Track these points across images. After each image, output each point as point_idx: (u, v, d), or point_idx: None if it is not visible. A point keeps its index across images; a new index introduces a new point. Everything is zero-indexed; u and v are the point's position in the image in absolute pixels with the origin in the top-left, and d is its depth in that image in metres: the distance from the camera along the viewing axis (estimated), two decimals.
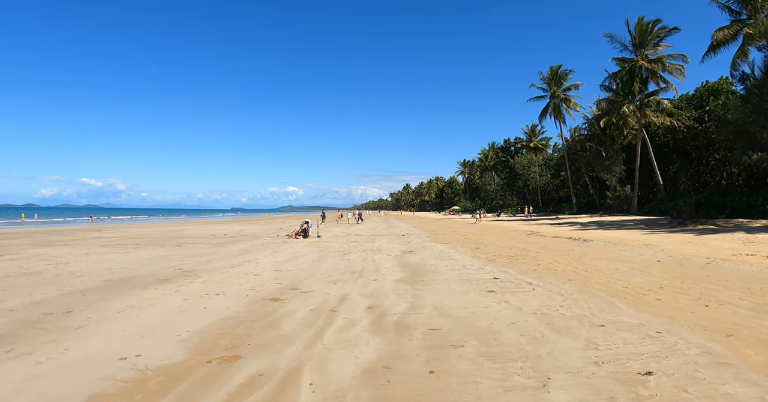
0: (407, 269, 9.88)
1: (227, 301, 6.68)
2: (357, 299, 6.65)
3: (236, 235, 23.96)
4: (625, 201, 42.94)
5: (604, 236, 18.85)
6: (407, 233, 24.64)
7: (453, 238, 19.60)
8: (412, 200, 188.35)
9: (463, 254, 12.79)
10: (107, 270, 10.41)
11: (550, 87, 53.67)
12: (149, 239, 21.31)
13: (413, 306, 6.13)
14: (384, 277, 8.84)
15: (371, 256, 12.65)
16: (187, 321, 5.54)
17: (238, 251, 14.84)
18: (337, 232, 26.01)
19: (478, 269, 9.64)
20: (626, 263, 10.25)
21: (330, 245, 16.76)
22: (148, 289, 7.83)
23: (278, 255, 13.40)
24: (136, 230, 31.08)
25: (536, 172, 73.34)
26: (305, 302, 6.47)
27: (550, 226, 28.99)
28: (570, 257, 11.59)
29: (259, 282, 8.36)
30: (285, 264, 11.09)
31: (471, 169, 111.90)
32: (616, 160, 43.68)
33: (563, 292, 6.89)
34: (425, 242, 17.72)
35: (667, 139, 47.03)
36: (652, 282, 7.76)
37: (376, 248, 15.26)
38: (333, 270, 9.92)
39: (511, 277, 8.51)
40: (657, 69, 38.54)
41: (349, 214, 48.24)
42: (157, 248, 16.30)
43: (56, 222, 54.13)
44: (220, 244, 17.77)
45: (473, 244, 16.52)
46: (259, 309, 6.10)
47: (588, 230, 23.72)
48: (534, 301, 6.27)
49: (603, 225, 28.18)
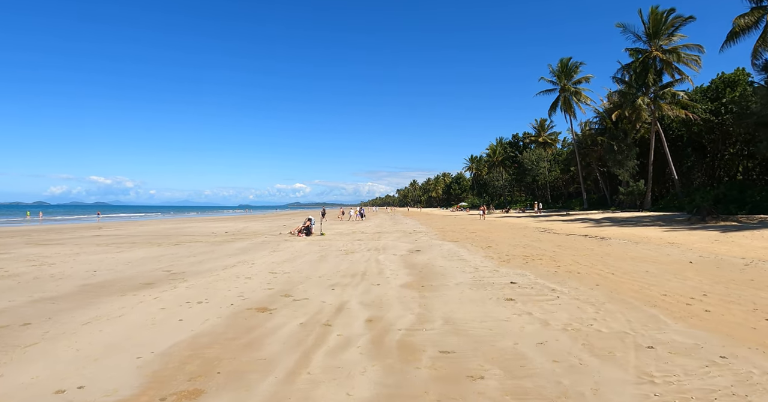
0: (414, 271, 9.02)
1: (208, 311, 5.86)
2: (356, 309, 5.80)
3: (237, 233, 23.23)
4: (639, 197, 41.68)
5: (622, 234, 17.84)
6: (414, 230, 23.76)
7: (462, 236, 18.69)
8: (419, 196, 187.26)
9: (474, 254, 11.89)
10: (90, 272, 9.65)
11: (560, 80, 52.33)
12: (148, 237, 20.62)
13: (420, 318, 5.26)
14: (388, 280, 7.99)
15: (375, 256, 11.80)
16: (154, 338, 4.72)
17: (235, 250, 14.06)
18: (341, 230, 25.19)
19: (492, 271, 8.75)
20: (655, 265, 9.30)
21: (333, 244, 15.94)
22: (126, 296, 7.04)
23: (276, 255, 12.59)
24: (137, 228, 30.48)
25: (545, 167, 71.93)
26: (296, 313, 5.63)
27: (562, 223, 27.95)
28: (591, 257, 10.66)
29: (250, 287, 7.53)
30: (282, 265, 10.27)
31: (479, 164, 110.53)
32: (629, 154, 42.36)
33: (593, 301, 5.99)
34: (433, 240, 16.83)
35: (681, 132, 45.63)
36: (692, 288, 6.83)
37: (380, 247, 14.41)
38: (333, 272, 9.08)
39: (530, 281, 7.61)
40: (672, 60, 37.19)
41: (351, 210, 47.28)
42: (153, 247, 15.58)
43: (62, 220, 53.87)
44: (218, 243, 17.02)
45: (484, 242, 15.61)
46: (242, 322, 5.26)
47: (603, 227, 22.68)
48: (562, 313, 5.38)
49: (617, 221, 27.10)
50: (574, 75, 51.81)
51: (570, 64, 51.86)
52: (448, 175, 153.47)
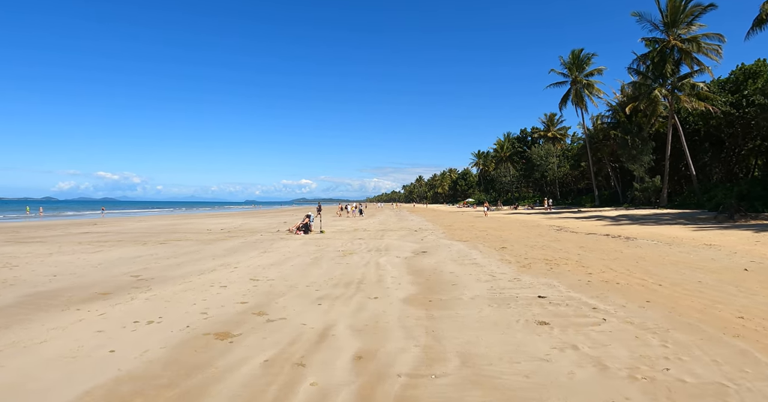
0: (419, 279, 7.67)
1: (154, 336, 4.55)
2: (343, 337, 4.47)
3: (234, 230, 22.00)
4: (654, 193, 39.99)
5: (647, 233, 16.36)
6: (420, 228, 22.40)
7: (471, 235, 17.31)
8: (425, 192, 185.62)
9: (488, 257, 10.51)
10: (49, 277, 8.40)
11: (571, 72, 50.57)
12: (138, 235, 19.44)
13: (429, 354, 3.92)
14: (388, 292, 6.64)
15: (376, 259, 10.46)
16: (63, 381, 3.43)
17: (223, 250, 12.78)
18: (343, 227, 23.88)
19: (513, 280, 7.38)
20: (704, 272, 7.89)
21: (331, 243, 14.63)
22: (68, 310, 5.77)
23: (266, 256, 11.29)
24: (133, 224, 29.35)
25: (554, 162, 70.11)
26: (264, 343, 4.30)
27: (576, 221, 26.46)
28: (624, 262, 9.25)
29: (220, 300, 6.22)
30: (267, 270, 8.96)
31: (485, 160, 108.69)
32: (645, 149, 40.63)
33: (652, 327, 4.62)
34: (440, 239, 15.47)
35: (698, 126, 43.79)
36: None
37: (383, 248, 13.07)
38: (324, 280, 7.75)
39: (562, 294, 6.23)
40: (691, 50, 35.37)
41: (349, 206, 45.61)
42: (136, 246, 14.36)
43: (62, 216, 53.11)
44: (209, 241, 15.77)
45: (496, 242, 14.23)
46: (189, 357, 3.95)
47: (622, 225, 21.20)
48: (618, 347, 4.01)
49: (636, 219, 25.58)
50: (586, 67, 50.04)
51: (582, 56, 50.08)
52: (455, 171, 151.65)
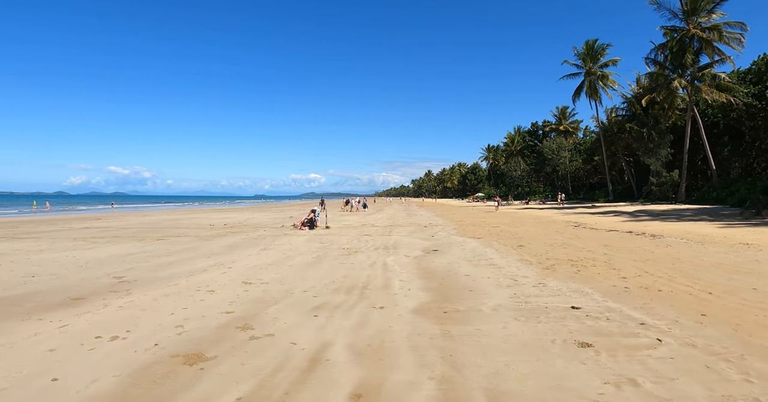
0: (431, 283, 6.81)
1: (112, 358, 3.76)
2: (339, 363, 3.64)
3: (237, 225, 21.30)
4: (671, 188, 38.63)
5: (673, 230, 15.33)
6: (430, 223, 21.52)
7: (485, 231, 16.40)
8: (433, 187, 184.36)
9: (506, 256, 9.62)
10: (26, 278, 7.69)
11: (585, 63, 49.08)
12: (137, 230, 18.81)
13: (447, 393, 3.07)
14: (396, 300, 5.80)
15: (383, 259, 9.62)
16: None
17: (220, 248, 12.04)
18: (350, 222, 23.07)
19: (538, 285, 6.50)
20: (755, 276, 6.94)
21: (336, 240, 13.82)
22: (29, 320, 5.02)
23: (265, 254, 10.51)
24: (137, 219, 28.81)
25: (566, 157, 68.55)
26: (241, 371, 3.48)
27: (592, 216, 25.39)
28: (659, 264, 8.32)
29: (203, 308, 5.43)
30: (264, 271, 8.16)
31: (495, 154, 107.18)
32: (662, 142, 39.21)
33: (723, 352, 3.73)
34: (452, 236, 14.59)
35: (717, 119, 42.25)
36: None
37: (391, 245, 12.23)
38: (324, 283, 6.94)
39: (599, 305, 5.35)
40: (713, 38, 33.89)
41: (352, 201, 44.28)
42: (132, 243, 13.68)
43: (70, 210, 52.98)
44: (208, 238, 15.05)
45: (512, 239, 13.32)
46: (144, 389, 3.13)
47: (643, 221, 20.13)
48: (690, 383, 3.13)
49: (655, 215, 24.46)
50: (600, 58, 48.52)
51: (596, 46, 48.56)
52: (464, 166, 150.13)
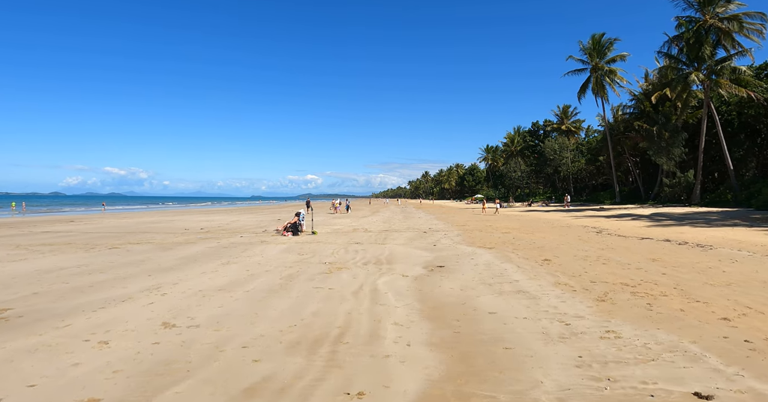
0: (443, 331, 4.51)
1: None
2: None
3: (214, 230, 18.99)
4: (685, 189, 36.49)
5: (716, 238, 13.11)
6: (430, 228, 19.25)
7: (495, 238, 14.14)
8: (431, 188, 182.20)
9: (534, 276, 7.34)
10: None
11: (591, 58, 46.96)
12: (97, 236, 16.49)
13: None
14: (386, 374, 3.48)
15: (373, 279, 7.33)
16: None
17: (175, 261, 9.74)
18: (340, 226, 20.77)
19: (608, 337, 4.22)
20: None
21: (319, 250, 11.54)
22: None
23: (223, 271, 8.21)
24: (111, 222, 26.42)
25: (568, 157, 66.35)
26: None
27: (608, 220, 23.17)
28: (749, 290, 6.07)
29: (60, 386, 3.13)
30: (207, 301, 5.86)
31: (494, 155, 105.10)
32: (675, 140, 37.04)
33: None
34: (458, 245, 12.32)
35: (731, 116, 40.18)
36: None
37: (384, 258, 9.94)
38: (280, 329, 4.63)
39: (734, 384, 3.08)
40: (732, 29, 31.80)
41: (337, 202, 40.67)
42: (77, 252, 11.39)
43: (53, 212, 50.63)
44: (171, 246, 12.76)
45: (532, 249, 11.06)
46: None
47: (671, 226, 17.90)
48: None
49: (679, 219, 22.27)
50: (607, 53, 46.39)
51: (603, 41, 46.44)
52: (462, 167, 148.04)
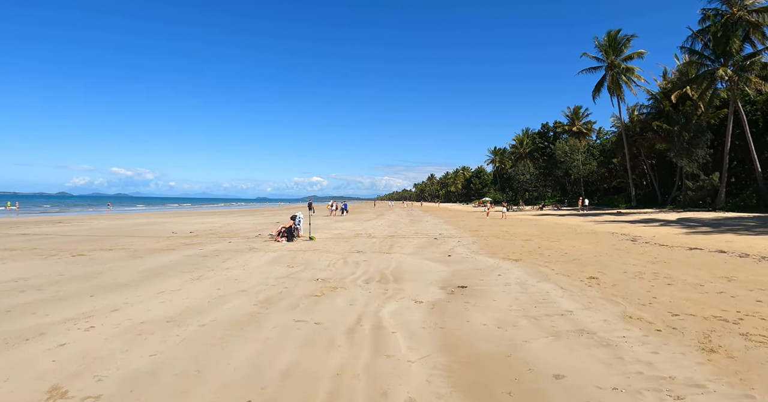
0: None
1: None
2: None
3: (205, 234, 17.33)
4: (709, 193, 34.45)
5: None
6: (440, 234, 17.46)
7: (517, 247, 12.32)
8: (437, 191, 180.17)
9: (589, 305, 5.55)
10: None
11: (607, 56, 45.01)
12: (74, 239, 14.90)
13: None
14: None
15: (376, 307, 5.58)
16: None
17: (138, 273, 8.04)
18: (342, 231, 19.02)
19: None
20: None
21: (313, 260, 9.80)
22: None
23: (185, 291, 6.48)
24: (99, 223, 24.86)
25: (579, 159, 64.18)
26: None
27: (634, 226, 21.25)
28: None
29: None
30: (132, 346, 4.13)
31: (502, 157, 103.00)
32: (699, 141, 34.99)
33: None
34: (477, 256, 10.53)
35: (756, 116, 38.08)
36: None
37: (390, 273, 8.18)
38: None
39: None
40: (763, 23, 29.83)
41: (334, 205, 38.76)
42: (33, 260, 9.78)
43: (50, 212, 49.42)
44: (145, 253, 11.07)
45: (567, 263, 9.26)
46: None
47: (711, 234, 15.98)
48: None
49: (713, 225, 20.32)
50: (624, 50, 44.43)
51: (619, 37, 44.51)
52: (468, 169, 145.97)
